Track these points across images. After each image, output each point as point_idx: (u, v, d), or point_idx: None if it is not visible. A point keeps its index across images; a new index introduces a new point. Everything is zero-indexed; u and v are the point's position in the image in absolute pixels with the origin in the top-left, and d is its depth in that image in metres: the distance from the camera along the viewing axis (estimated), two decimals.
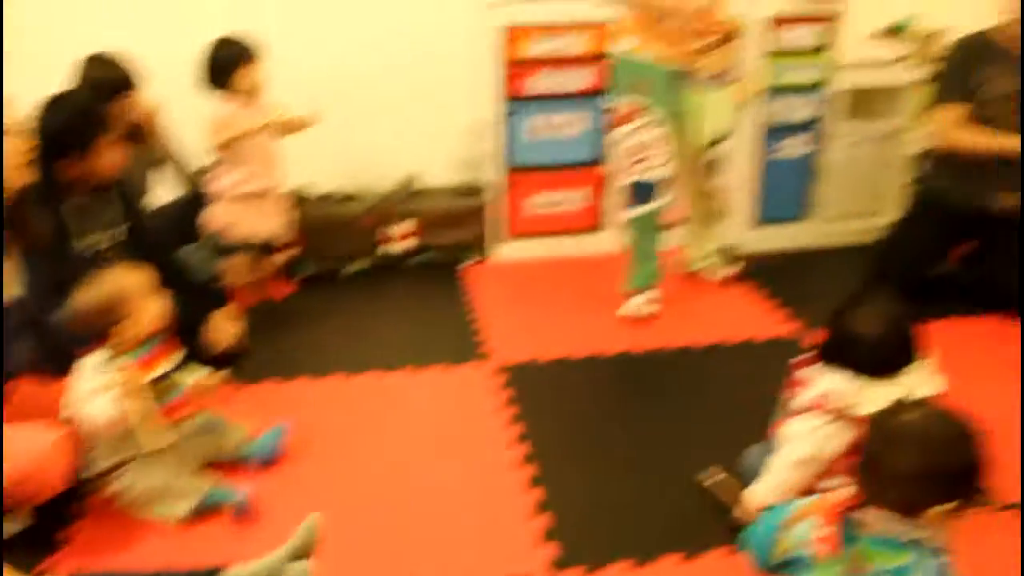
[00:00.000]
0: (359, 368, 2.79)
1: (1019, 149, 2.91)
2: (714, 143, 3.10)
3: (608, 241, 3.56)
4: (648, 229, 3.08)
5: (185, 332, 2.36)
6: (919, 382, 1.77)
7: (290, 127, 3.11)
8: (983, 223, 3.17)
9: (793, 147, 3.70)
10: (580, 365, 2.82)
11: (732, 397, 2.61)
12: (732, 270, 3.44)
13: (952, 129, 3.10)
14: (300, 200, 3.59)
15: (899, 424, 1.44)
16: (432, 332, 3.10)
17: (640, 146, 2.96)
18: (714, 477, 2.11)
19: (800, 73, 3.61)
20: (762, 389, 2.13)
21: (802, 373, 1.87)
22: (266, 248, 3.30)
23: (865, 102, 3.79)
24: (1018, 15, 2.99)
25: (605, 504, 2.14)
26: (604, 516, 2.11)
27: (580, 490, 2.19)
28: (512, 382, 2.69)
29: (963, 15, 3.84)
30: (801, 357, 1.92)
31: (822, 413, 1.79)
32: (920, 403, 1.52)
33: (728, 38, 2.98)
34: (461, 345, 2.96)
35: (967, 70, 3.10)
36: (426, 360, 2.84)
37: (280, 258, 3.42)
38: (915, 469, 1.36)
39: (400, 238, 3.64)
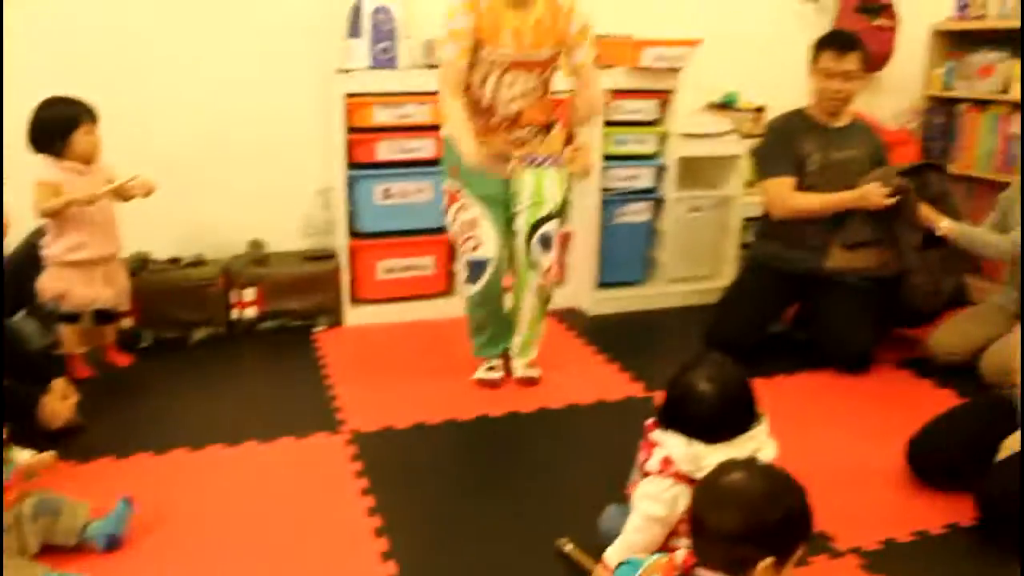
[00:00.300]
0: (203, 442, 2.68)
1: (853, 201, 3.24)
2: (545, 220, 3.01)
3: (459, 305, 3.61)
4: (481, 304, 3.10)
5: (16, 406, 2.23)
6: (757, 444, 1.86)
7: (124, 194, 3.02)
8: (810, 285, 3.42)
9: (633, 213, 3.88)
10: (435, 431, 2.81)
11: (589, 458, 2.65)
12: (531, 373, 3.19)
13: (789, 196, 3.35)
14: (145, 265, 3.49)
15: (720, 485, 1.52)
16: (283, 401, 3.03)
17: (465, 225, 3.00)
18: (568, 545, 2.13)
19: (637, 144, 3.81)
20: (617, 450, 2.18)
21: (652, 435, 1.93)
22: (104, 316, 3.18)
23: (698, 171, 4.04)
24: (824, 96, 3.31)
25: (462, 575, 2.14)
26: None
27: (435, 562, 2.15)
28: (365, 451, 2.65)
29: (782, 94, 4.20)
30: (651, 419, 1.98)
31: (668, 475, 1.84)
32: (741, 463, 1.58)
33: (569, 125, 3.08)
34: (313, 414, 2.90)
35: (789, 144, 3.36)
36: (276, 431, 2.76)
37: (119, 327, 3.30)
38: (736, 528, 1.44)
39: (250, 303, 3.57)
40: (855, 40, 3.34)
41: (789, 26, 4.44)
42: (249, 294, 3.56)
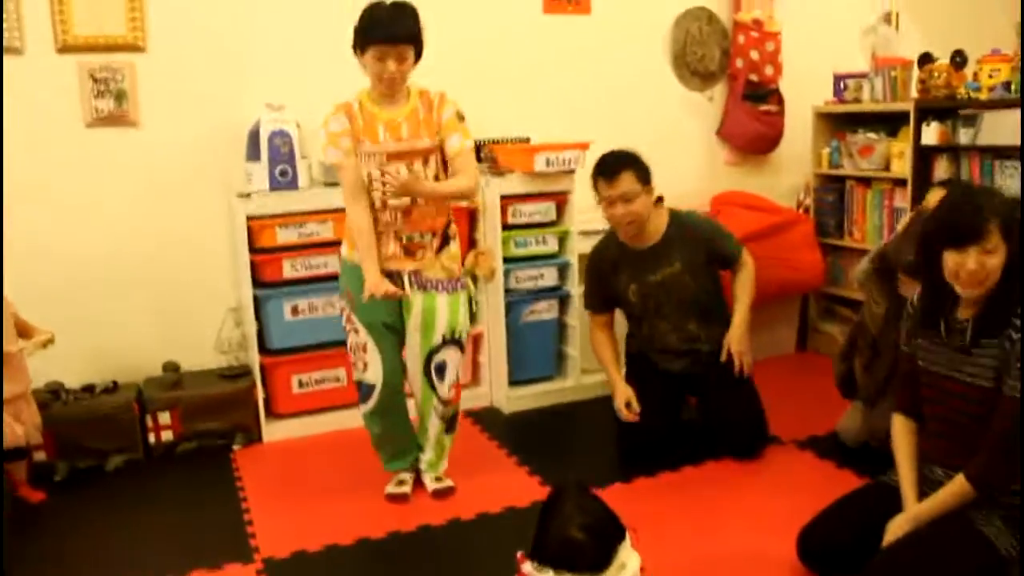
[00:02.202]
0: None
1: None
2: (438, 349, 3.07)
3: None
4: (377, 423, 3.17)
5: None
6: (622, 560, 1.94)
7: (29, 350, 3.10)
8: (691, 380, 3.54)
9: (541, 311, 4.01)
10: (347, 552, 2.85)
11: (499, 570, 2.71)
12: (443, 485, 3.22)
13: (593, 336, 3.60)
14: (59, 395, 3.51)
15: None
16: (199, 530, 3.05)
17: (355, 347, 3.08)
18: None
19: (539, 245, 3.96)
20: None
21: (524, 568, 1.94)
22: (15, 453, 3.19)
23: None
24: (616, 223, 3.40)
25: None
26: None
27: None
28: None
29: (679, 184, 4.39)
30: (521, 552, 1.99)
31: None
32: None
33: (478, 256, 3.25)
34: (227, 542, 2.93)
35: (602, 281, 3.54)
36: (190, 562, 2.78)
37: (31, 461, 3.30)
38: None
39: (166, 427, 3.60)
40: (623, 160, 3.32)
41: (682, 118, 4.66)
42: (165, 418, 3.59)
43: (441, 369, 3.09)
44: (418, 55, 2.92)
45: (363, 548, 2.88)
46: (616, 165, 3.29)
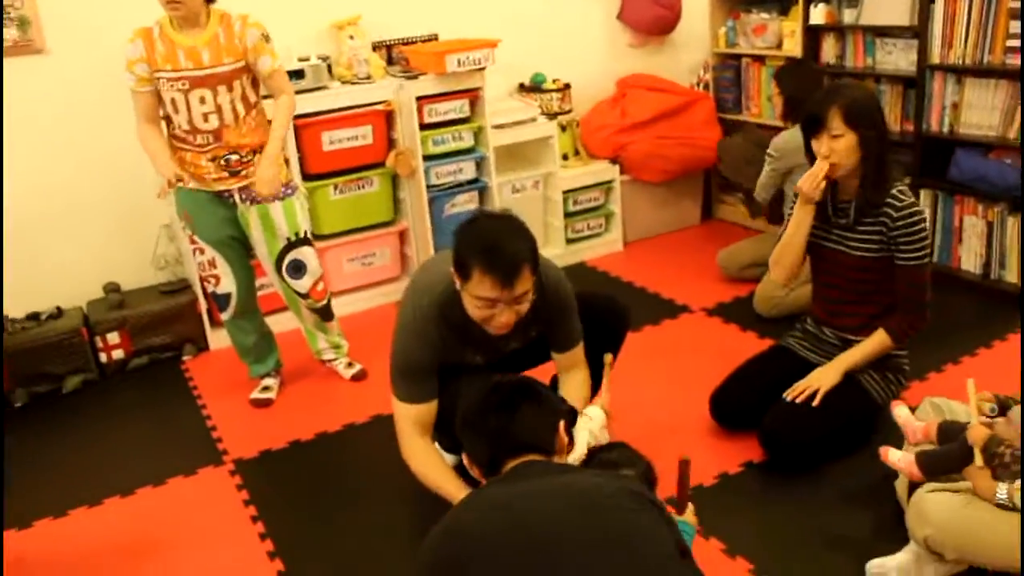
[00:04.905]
0: (100, 497, 2.91)
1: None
2: (288, 250, 3.24)
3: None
4: (238, 332, 3.42)
5: None
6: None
7: None
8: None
9: (462, 204, 4.21)
10: (310, 446, 3.13)
11: None
12: (355, 370, 3.56)
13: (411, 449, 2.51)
14: (4, 325, 3.62)
15: None
16: (166, 438, 3.28)
17: (203, 265, 3.30)
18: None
19: (456, 141, 4.14)
20: None
21: None
22: None
23: (517, 153, 4.41)
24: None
25: None
26: None
27: (324, 571, 2.51)
28: (248, 480, 2.95)
29: (584, 71, 4.59)
30: None
31: None
32: None
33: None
34: (196, 448, 3.16)
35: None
36: (166, 472, 3.02)
37: None
38: None
39: (116, 346, 3.76)
40: (519, 252, 2.19)
41: (584, 4, 4.79)
42: (114, 337, 3.74)
43: (299, 267, 3.29)
44: None
45: (321, 442, 3.16)
46: (514, 260, 2.17)
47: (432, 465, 2.45)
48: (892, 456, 2.32)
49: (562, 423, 1.85)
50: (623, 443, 2.36)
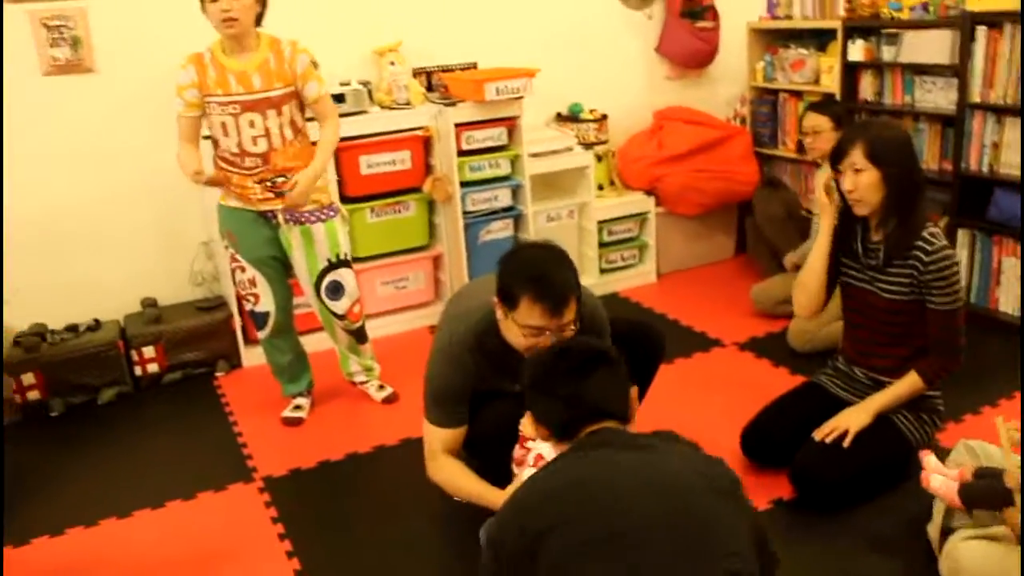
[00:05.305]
0: (130, 509, 2.94)
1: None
2: (327, 271, 3.28)
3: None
4: (274, 351, 3.44)
5: None
6: None
7: None
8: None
9: (497, 231, 4.24)
10: (338, 467, 3.14)
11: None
12: (386, 393, 3.58)
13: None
14: (44, 336, 3.69)
15: None
16: (198, 454, 3.30)
17: (243, 284, 3.32)
18: None
19: (492, 168, 4.17)
20: None
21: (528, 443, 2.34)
22: None
23: (553, 182, 4.43)
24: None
25: None
26: None
27: None
28: (277, 497, 2.96)
29: (621, 101, 4.61)
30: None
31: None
32: None
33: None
34: (227, 464, 3.19)
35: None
36: (195, 486, 3.04)
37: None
38: None
39: (151, 360, 3.81)
40: (568, 282, 2.28)
41: (622, 36, 4.83)
42: (149, 351, 3.79)
43: (336, 289, 3.33)
44: None
45: (351, 462, 3.17)
46: (563, 290, 2.25)
47: (459, 473, 2.51)
48: (934, 482, 2.29)
49: (633, 390, 1.90)
50: None
